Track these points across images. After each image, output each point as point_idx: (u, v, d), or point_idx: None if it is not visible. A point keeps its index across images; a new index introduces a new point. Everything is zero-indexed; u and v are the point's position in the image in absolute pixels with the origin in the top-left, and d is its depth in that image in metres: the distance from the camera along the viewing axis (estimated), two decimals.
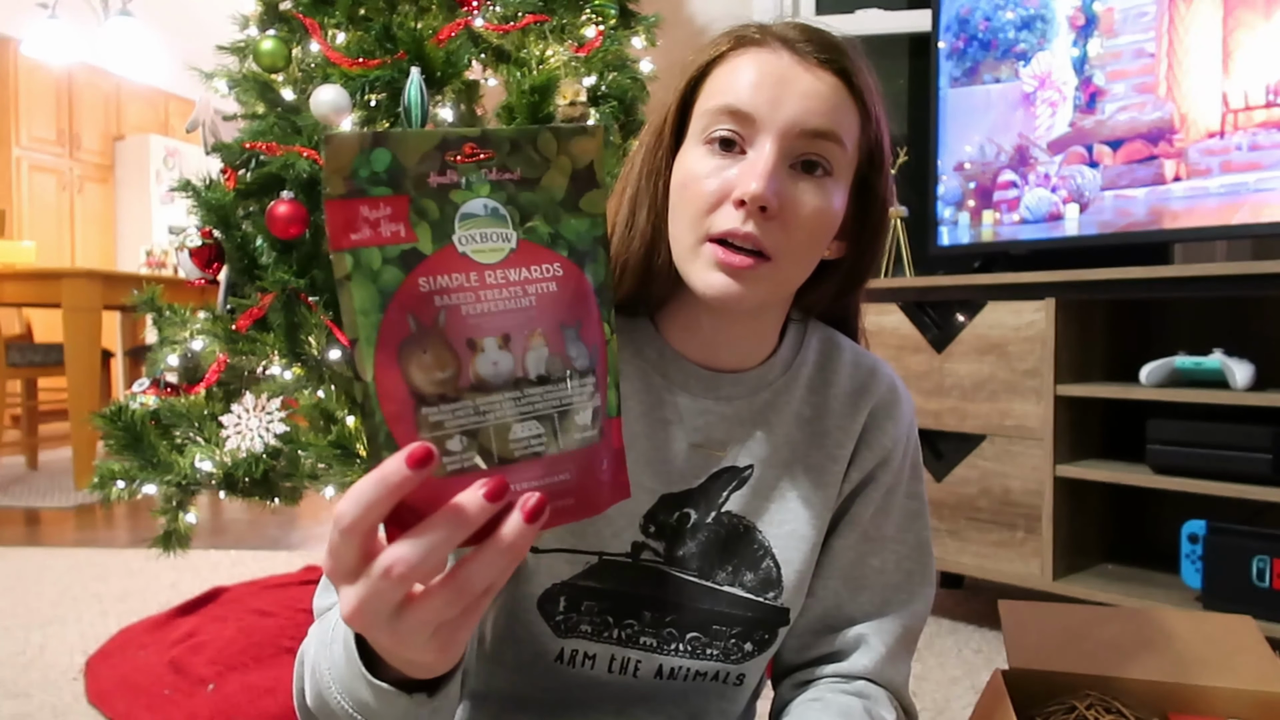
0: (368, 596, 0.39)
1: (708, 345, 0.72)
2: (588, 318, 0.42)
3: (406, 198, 0.38)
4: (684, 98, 0.69)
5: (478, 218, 0.40)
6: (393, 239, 0.38)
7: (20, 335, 4.29)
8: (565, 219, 0.42)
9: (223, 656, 1.68)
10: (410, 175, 0.39)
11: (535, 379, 0.41)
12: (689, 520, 0.72)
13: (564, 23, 1.73)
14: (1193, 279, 1.66)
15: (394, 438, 0.38)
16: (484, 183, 0.40)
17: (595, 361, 0.43)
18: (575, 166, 0.42)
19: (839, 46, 0.66)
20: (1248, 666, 0.81)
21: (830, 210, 0.65)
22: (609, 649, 0.72)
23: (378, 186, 0.38)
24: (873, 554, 0.76)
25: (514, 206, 0.41)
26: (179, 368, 1.64)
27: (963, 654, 1.83)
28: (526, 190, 0.41)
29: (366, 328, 0.38)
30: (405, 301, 0.38)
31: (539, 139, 0.41)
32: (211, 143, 1.69)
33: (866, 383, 0.76)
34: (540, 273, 0.41)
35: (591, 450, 0.43)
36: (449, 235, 0.39)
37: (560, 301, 0.41)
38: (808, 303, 0.75)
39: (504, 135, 0.40)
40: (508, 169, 0.40)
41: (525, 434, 0.40)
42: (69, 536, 2.91)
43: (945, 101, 2.13)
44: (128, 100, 6.20)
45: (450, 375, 0.39)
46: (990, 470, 1.92)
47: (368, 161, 0.38)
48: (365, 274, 0.38)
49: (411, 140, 0.38)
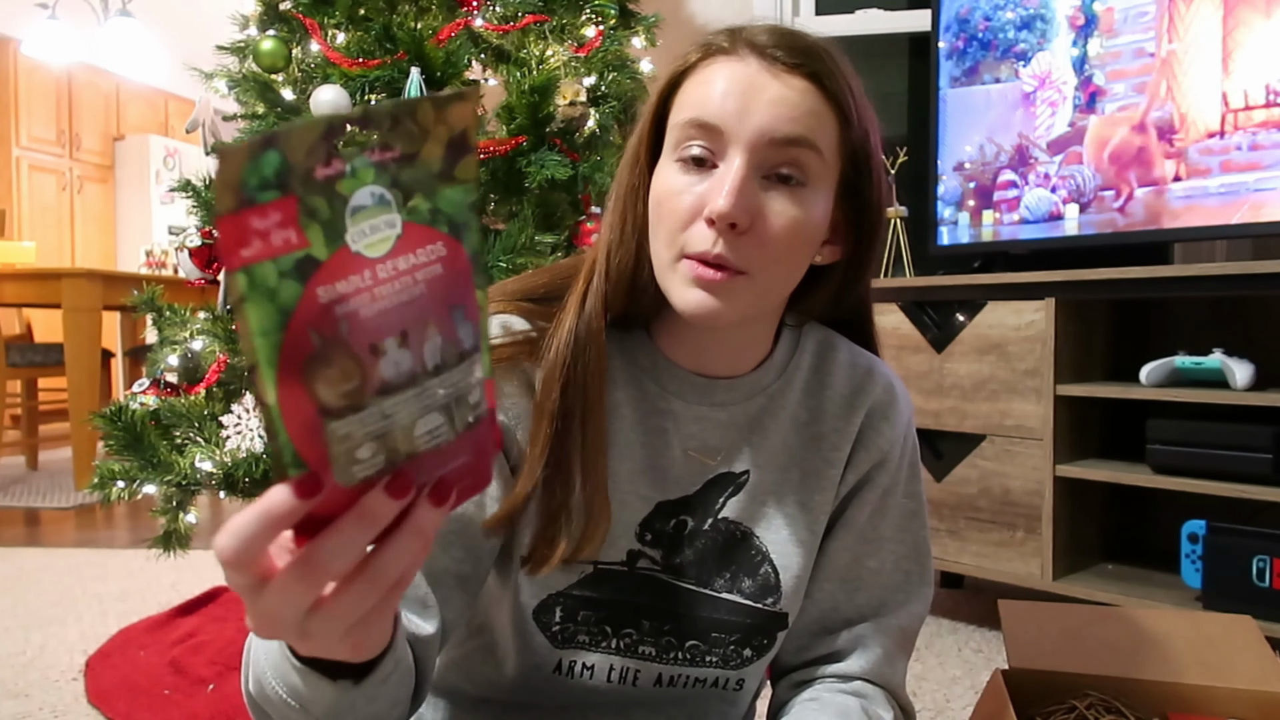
0: (270, 609, 0.38)
1: (700, 353, 0.72)
2: (469, 293, 0.41)
3: (294, 198, 0.35)
4: (658, 111, 0.68)
5: (366, 209, 0.37)
6: (284, 247, 0.35)
7: (20, 335, 4.29)
8: (441, 190, 0.40)
9: (223, 656, 1.68)
10: (297, 173, 0.35)
11: (432, 369, 0.40)
12: (686, 527, 0.72)
13: (564, 23, 1.73)
14: (1193, 279, 1.66)
15: (301, 456, 0.36)
16: (368, 167, 0.37)
17: (478, 336, 0.42)
18: (451, 134, 0.40)
19: (811, 50, 0.64)
20: (1248, 666, 0.81)
21: (808, 220, 0.64)
22: (607, 658, 0.72)
23: (265, 192, 0.35)
24: (870, 555, 0.76)
25: (397, 188, 0.38)
26: (179, 368, 1.64)
27: (963, 654, 1.83)
28: (407, 167, 0.39)
29: (266, 349, 0.35)
30: (305, 317, 0.36)
31: (418, 110, 0.39)
32: (211, 143, 1.69)
33: (863, 383, 0.76)
34: (426, 255, 0.39)
35: (482, 426, 0.43)
36: (342, 234, 0.37)
37: (446, 282, 0.40)
38: (804, 308, 0.74)
39: (384, 110, 0.38)
40: (389, 146, 0.38)
41: (428, 427, 0.40)
42: (69, 536, 2.91)
43: (945, 101, 2.13)
44: (128, 100, 6.20)
45: (356, 385, 0.37)
46: (990, 470, 1.92)
47: (256, 168, 0.34)
48: (262, 292, 0.35)
49: (298, 134, 0.35)
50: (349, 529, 0.38)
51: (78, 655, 1.80)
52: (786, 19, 2.74)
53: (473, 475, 0.43)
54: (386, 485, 0.38)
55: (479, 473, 0.44)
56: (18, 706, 1.57)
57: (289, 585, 0.38)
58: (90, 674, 1.70)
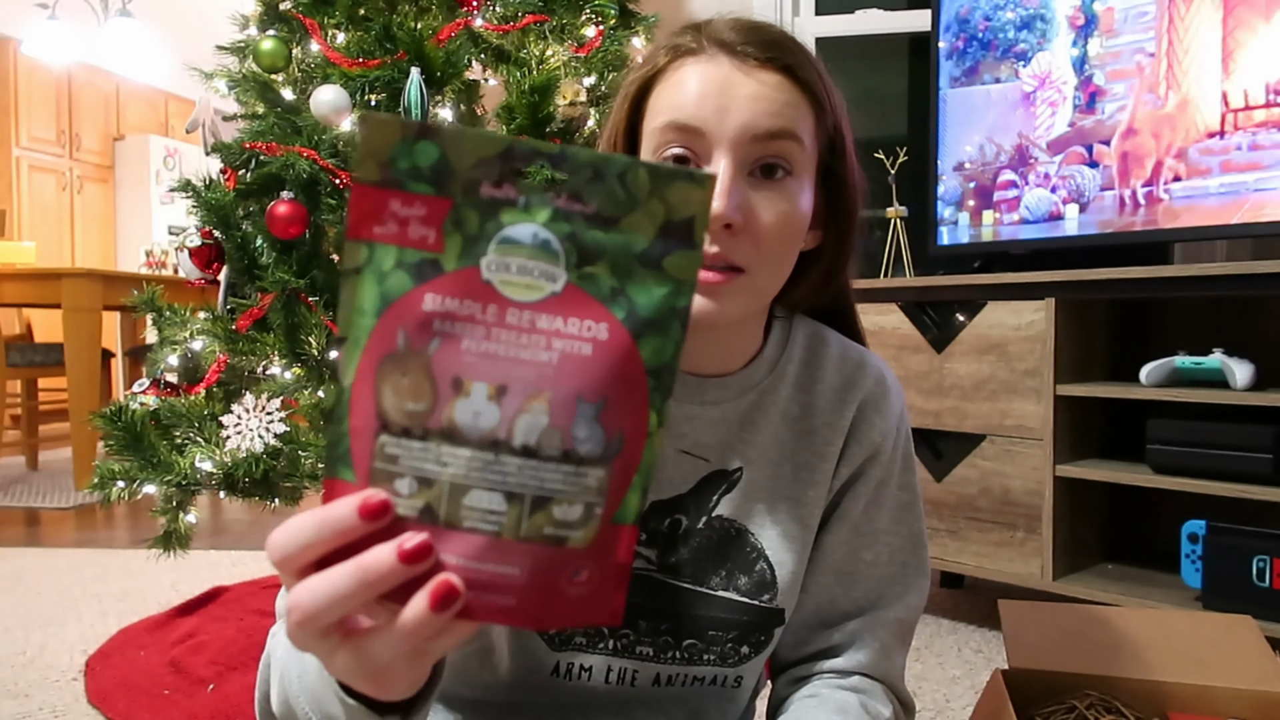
0: (292, 630, 0.36)
1: (691, 352, 0.71)
2: (624, 400, 0.35)
3: (449, 202, 0.34)
4: (629, 118, 0.68)
5: (520, 245, 0.34)
6: (418, 243, 0.34)
7: (20, 335, 4.29)
8: (639, 275, 0.35)
9: (223, 656, 1.68)
10: (460, 179, 0.34)
11: (519, 447, 0.34)
12: (680, 526, 0.72)
13: (564, 23, 1.73)
14: (1193, 279, 1.66)
15: (352, 454, 0.35)
16: (545, 207, 0.34)
17: (614, 453, 0.35)
18: (670, 217, 0.35)
19: (779, 42, 0.64)
20: (1248, 666, 0.81)
21: (797, 211, 0.64)
22: (605, 660, 0.72)
23: (419, 182, 0.34)
24: (865, 548, 0.76)
25: (574, 244, 0.34)
26: (179, 368, 1.64)
27: (963, 654, 1.83)
28: (597, 229, 0.35)
29: (360, 330, 0.34)
30: (401, 314, 0.34)
31: (629, 172, 0.34)
32: (211, 143, 1.69)
33: (854, 376, 0.76)
34: (578, 329, 0.34)
35: (564, 553, 0.35)
36: (478, 256, 0.34)
37: (590, 369, 0.34)
38: (793, 299, 0.74)
39: (586, 158, 0.34)
40: (581, 198, 0.34)
41: (482, 504, 0.35)
42: (69, 536, 2.91)
43: (945, 101, 2.13)
44: (128, 100, 6.20)
45: (423, 410, 0.34)
46: (990, 470, 1.92)
47: (410, 152, 0.34)
48: (374, 272, 0.34)
49: (469, 141, 0.34)
50: (346, 577, 0.35)
51: (78, 655, 1.80)
52: (786, 19, 2.74)
53: (517, 597, 0.35)
54: (402, 541, 0.34)
55: (529, 600, 0.35)
56: (18, 706, 1.57)
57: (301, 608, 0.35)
58: (90, 674, 1.70)
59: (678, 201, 0.35)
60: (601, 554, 0.36)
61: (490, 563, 0.35)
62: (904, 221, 2.32)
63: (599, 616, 0.37)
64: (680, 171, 0.35)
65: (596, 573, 0.36)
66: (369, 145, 0.34)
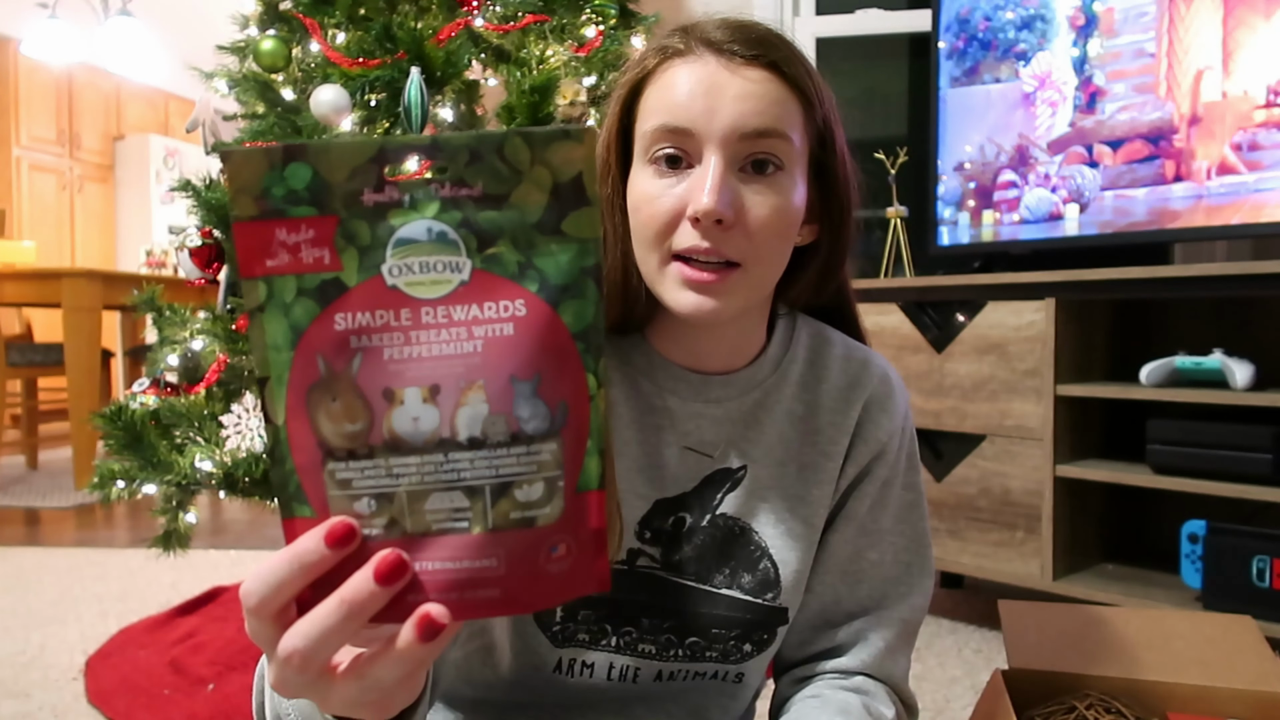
0: (281, 677, 0.36)
1: (694, 350, 0.72)
2: (558, 370, 0.35)
3: (334, 218, 0.33)
4: (622, 121, 0.68)
5: (416, 244, 0.34)
6: (314, 266, 0.33)
7: (20, 335, 4.29)
8: (542, 245, 0.35)
9: (223, 656, 1.68)
10: (339, 193, 0.33)
11: (465, 441, 0.34)
12: (684, 524, 0.72)
13: (564, 23, 1.73)
14: (1193, 279, 1.66)
15: (304, 490, 0.35)
16: (431, 200, 0.34)
17: (561, 424, 0.35)
18: (557, 179, 0.34)
19: (765, 39, 0.65)
20: (1248, 666, 0.81)
21: (789, 206, 0.64)
22: (607, 657, 0.72)
23: (299, 206, 0.33)
24: (870, 548, 0.76)
25: (469, 230, 0.34)
26: (179, 368, 1.64)
27: (963, 654, 1.83)
28: (489, 209, 0.34)
29: (279, 366, 0.34)
30: (315, 341, 0.34)
31: (506, 146, 0.34)
32: (211, 143, 1.69)
33: (859, 376, 0.76)
34: (495, 312, 0.34)
35: (536, 533, 0.35)
36: (378, 264, 0.34)
37: (517, 348, 0.34)
38: (792, 295, 0.74)
39: (460, 142, 0.34)
40: (465, 183, 0.34)
41: (444, 505, 0.35)
42: (69, 536, 2.91)
43: (945, 101, 2.13)
44: (128, 100, 6.20)
45: (361, 429, 0.34)
46: (990, 470, 1.92)
47: (282, 178, 0.33)
48: (278, 306, 0.33)
49: (338, 152, 0.33)
50: (331, 615, 0.34)
51: (78, 655, 1.80)
52: (787, 19, 2.74)
53: (501, 587, 0.35)
54: (373, 562, 0.34)
55: (513, 588, 0.36)
56: (18, 706, 1.57)
57: (282, 662, 0.35)
58: (90, 674, 1.70)
59: (561, 162, 0.34)
60: (574, 525, 0.36)
61: (467, 560, 0.35)
62: (904, 221, 2.32)
63: (586, 586, 0.36)
64: (554, 132, 0.34)
65: (573, 544, 0.36)
66: (238, 181, 0.33)
